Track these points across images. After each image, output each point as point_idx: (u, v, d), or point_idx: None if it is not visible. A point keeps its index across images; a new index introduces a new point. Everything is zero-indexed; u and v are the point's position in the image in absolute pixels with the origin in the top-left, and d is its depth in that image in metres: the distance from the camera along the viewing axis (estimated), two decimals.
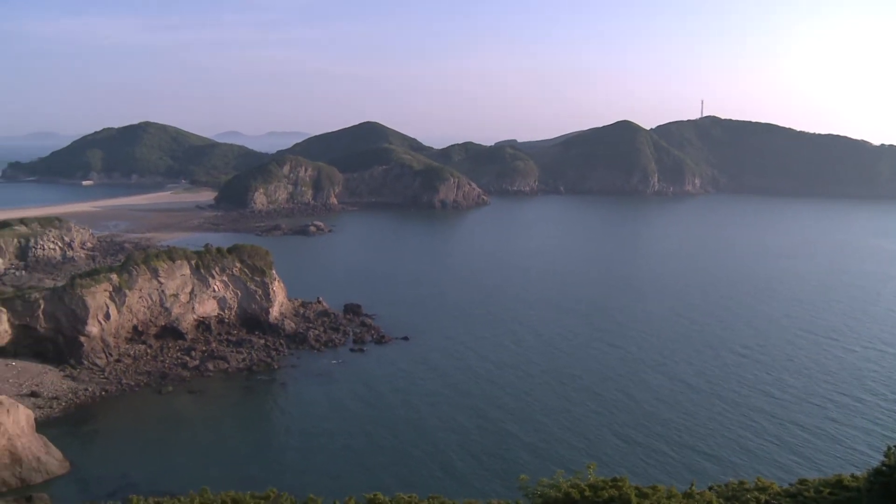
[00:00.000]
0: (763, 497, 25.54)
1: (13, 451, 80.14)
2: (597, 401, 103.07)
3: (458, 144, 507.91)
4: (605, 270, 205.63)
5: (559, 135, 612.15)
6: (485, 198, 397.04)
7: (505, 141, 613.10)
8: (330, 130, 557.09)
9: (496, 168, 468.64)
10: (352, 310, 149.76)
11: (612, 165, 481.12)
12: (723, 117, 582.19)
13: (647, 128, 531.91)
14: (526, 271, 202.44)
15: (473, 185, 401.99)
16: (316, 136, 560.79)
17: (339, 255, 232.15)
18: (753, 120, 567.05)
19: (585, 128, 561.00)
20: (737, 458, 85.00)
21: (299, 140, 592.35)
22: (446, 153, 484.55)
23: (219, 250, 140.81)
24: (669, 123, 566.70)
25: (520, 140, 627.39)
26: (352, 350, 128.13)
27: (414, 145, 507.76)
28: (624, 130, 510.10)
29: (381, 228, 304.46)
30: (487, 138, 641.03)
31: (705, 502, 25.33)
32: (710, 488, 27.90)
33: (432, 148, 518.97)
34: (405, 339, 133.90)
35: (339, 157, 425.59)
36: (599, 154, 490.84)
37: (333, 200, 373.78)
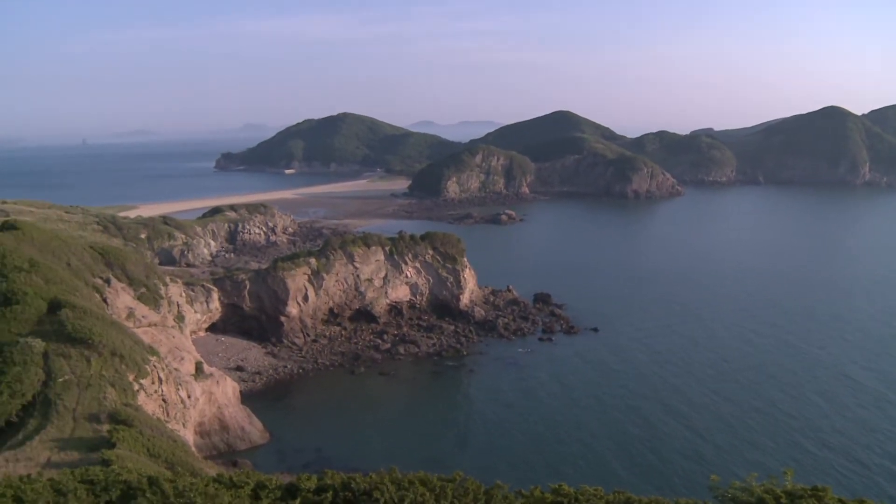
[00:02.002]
0: None
1: (222, 419, 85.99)
2: (789, 405, 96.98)
3: (651, 133, 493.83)
4: (805, 266, 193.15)
5: (759, 122, 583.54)
6: (679, 188, 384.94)
7: (701, 129, 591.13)
8: (522, 119, 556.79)
9: (691, 157, 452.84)
10: (542, 299, 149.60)
11: (816, 154, 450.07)
12: None
13: (859, 113, 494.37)
14: (720, 265, 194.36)
15: (667, 175, 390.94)
16: (508, 126, 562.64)
17: (529, 244, 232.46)
18: None
19: (788, 114, 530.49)
20: None
21: (491, 129, 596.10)
22: (639, 142, 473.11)
23: (412, 237, 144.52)
24: (886, 108, 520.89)
25: (717, 128, 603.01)
26: (540, 339, 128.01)
27: (606, 134, 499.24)
28: (831, 116, 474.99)
29: (573, 218, 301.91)
30: (682, 126, 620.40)
31: None
32: None
33: (625, 137, 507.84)
34: (594, 330, 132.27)
35: (531, 147, 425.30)
36: (803, 142, 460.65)
37: (525, 189, 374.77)
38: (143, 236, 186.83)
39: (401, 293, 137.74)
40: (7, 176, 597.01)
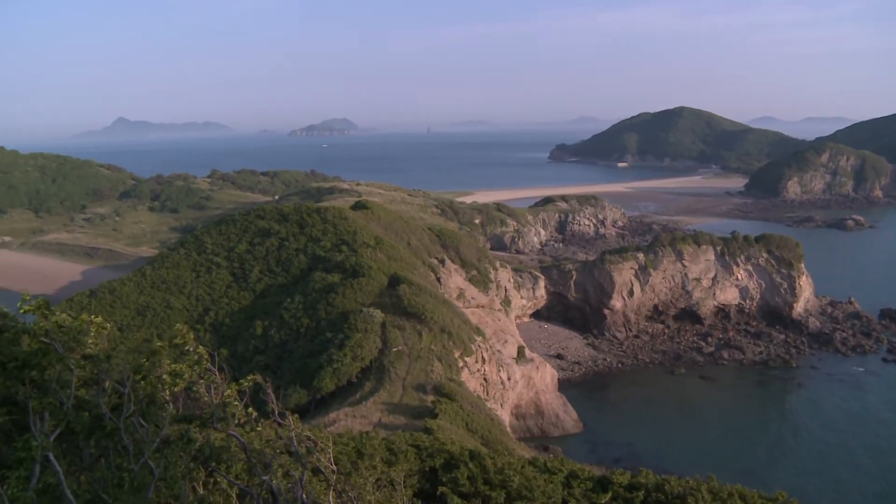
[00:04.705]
0: None
1: (538, 404, 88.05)
2: None
3: None
4: None
5: None
6: None
7: None
8: (878, 115, 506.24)
9: None
10: (889, 315, 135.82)
11: None
12: None
13: None
14: None
15: None
16: (861, 122, 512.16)
17: (878, 254, 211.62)
18: None
19: None
20: None
21: (841, 126, 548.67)
22: None
23: (745, 238, 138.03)
24: None
25: None
26: (884, 360, 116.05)
27: None
28: None
29: None
30: None
31: None
32: None
33: None
34: None
35: (889, 146, 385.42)
36: None
37: (877, 193, 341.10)
38: (477, 221, 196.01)
39: (729, 296, 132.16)
40: (362, 160, 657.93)
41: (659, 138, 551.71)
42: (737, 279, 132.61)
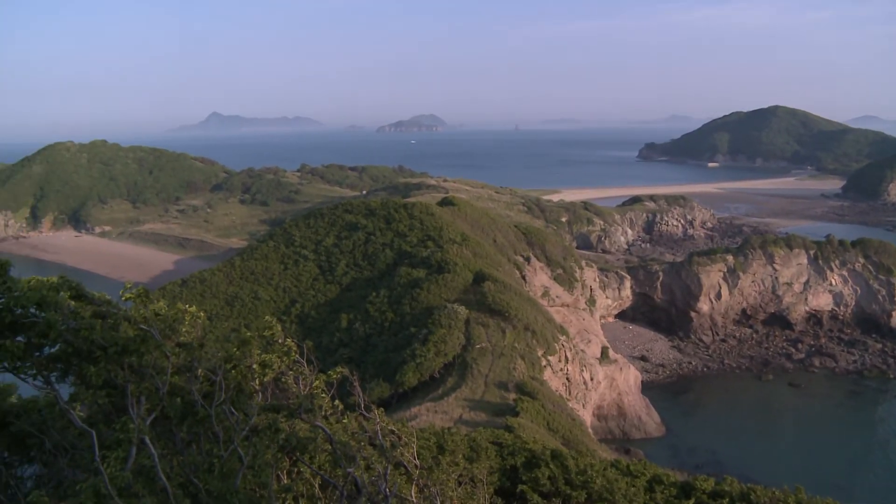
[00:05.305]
0: None
1: (620, 405, 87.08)
2: None
3: None
4: None
5: None
6: None
7: None
8: None
9: None
10: None
11: None
12: None
13: None
14: None
15: None
16: None
17: None
18: None
19: None
20: None
21: None
22: None
23: (841, 243, 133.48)
24: None
25: None
26: None
27: None
28: None
29: None
30: None
31: None
32: None
33: None
34: None
35: None
36: None
37: None
38: (563, 220, 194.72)
39: (822, 301, 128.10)
40: (449, 157, 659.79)
41: (751, 138, 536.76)
42: (830, 284, 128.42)
